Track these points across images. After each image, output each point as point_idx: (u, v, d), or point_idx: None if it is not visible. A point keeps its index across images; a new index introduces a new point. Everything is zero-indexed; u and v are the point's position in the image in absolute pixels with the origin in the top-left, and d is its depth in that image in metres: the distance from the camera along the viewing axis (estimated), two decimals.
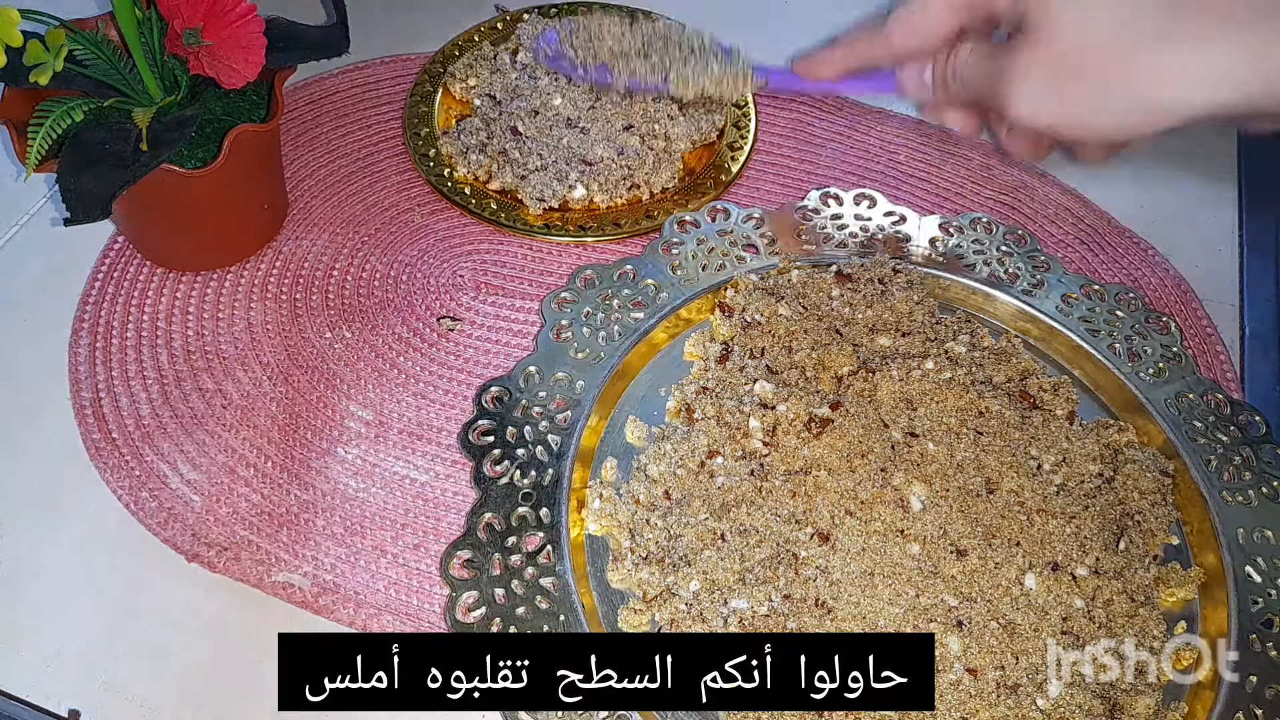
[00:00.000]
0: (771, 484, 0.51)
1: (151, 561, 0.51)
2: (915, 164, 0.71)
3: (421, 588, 0.51)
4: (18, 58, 0.48)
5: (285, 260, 0.63)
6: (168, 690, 0.48)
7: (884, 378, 0.55)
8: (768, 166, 0.70)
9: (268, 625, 0.49)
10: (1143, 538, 0.51)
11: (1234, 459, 0.54)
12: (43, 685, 0.48)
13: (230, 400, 0.57)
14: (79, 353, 0.58)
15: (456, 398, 0.58)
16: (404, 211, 0.67)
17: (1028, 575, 0.49)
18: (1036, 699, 0.46)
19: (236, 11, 0.52)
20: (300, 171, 0.68)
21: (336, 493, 0.54)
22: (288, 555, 0.52)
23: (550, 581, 0.49)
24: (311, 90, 0.73)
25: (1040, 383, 0.56)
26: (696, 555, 0.49)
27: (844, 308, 0.59)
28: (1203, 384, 0.58)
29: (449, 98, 0.73)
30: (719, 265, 0.62)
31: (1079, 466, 0.53)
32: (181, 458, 0.55)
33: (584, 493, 0.53)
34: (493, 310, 0.62)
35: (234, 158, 0.55)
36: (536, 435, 0.54)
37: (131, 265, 0.62)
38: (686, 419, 0.55)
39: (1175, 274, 0.66)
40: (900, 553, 0.49)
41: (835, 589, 0.48)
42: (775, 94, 0.73)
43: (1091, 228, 0.68)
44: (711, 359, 0.58)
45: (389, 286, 0.63)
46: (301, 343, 0.60)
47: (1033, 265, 0.63)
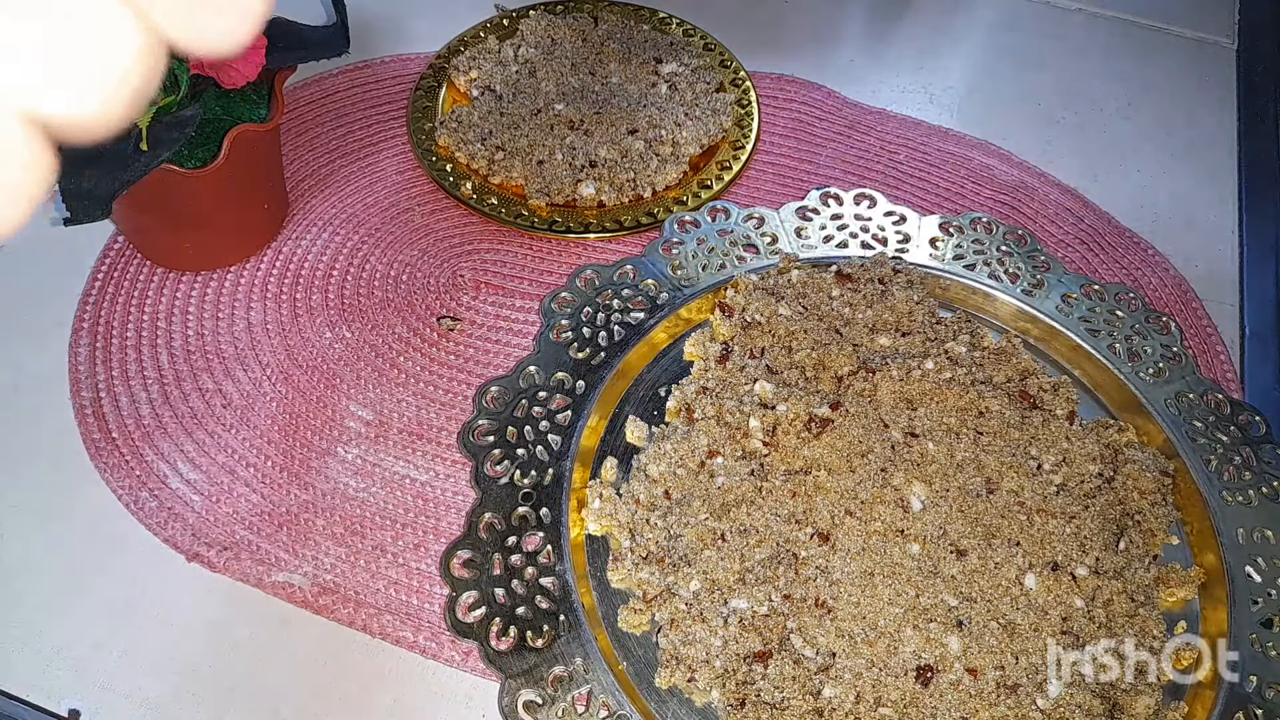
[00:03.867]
0: (771, 484, 0.51)
1: (151, 561, 0.51)
2: (915, 164, 0.71)
3: (421, 588, 0.51)
4: None
5: (285, 260, 0.63)
6: (168, 690, 0.48)
7: (884, 378, 0.55)
8: (768, 166, 0.70)
9: (268, 625, 0.50)
10: (1143, 538, 0.51)
11: (1234, 459, 0.54)
12: (43, 685, 0.48)
13: (230, 400, 0.57)
14: (79, 353, 0.58)
15: (456, 398, 0.58)
16: (404, 211, 0.67)
17: (1028, 575, 0.49)
18: (1036, 699, 0.46)
19: None
20: (300, 171, 0.68)
21: (336, 493, 0.54)
22: (288, 555, 0.51)
23: (550, 581, 0.49)
24: (311, 90, 0.73)
25: (1040, 383, 0.56)
26: (696, 555, 0.49)
27: (844, 308, 0.59)
28: (1203, 384, 0.58)
29: (454, 90, 0.73)
30: (719, 265, 0.62)
31: (1079, 466, 0.53)
32: (181, 458, 0.55)
33: (584, 493, 0.53)
34: (493, 310, 0.62)
35: (234, 157, 0.55)
36: (536, 435, 0.54)
37: (131, 265, 0.62)
38: (686, 419, 0.55)
39: (1175, 274, 0.66)
40: (900, 553, 0.49)
41: (835, 589, 0.48)
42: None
43: (1091, 228, 0.68)
44: (711, 359, 0.58)
45: (389, 286, 0.63)
46: (301, 343, 0.60)
47: (1033, 265, 0.63)
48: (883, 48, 0.81)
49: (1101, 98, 0.77)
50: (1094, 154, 0.73)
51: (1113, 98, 0.77)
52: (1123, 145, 0.74)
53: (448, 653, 0.49)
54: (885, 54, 0.80)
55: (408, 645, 0.49)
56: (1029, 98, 0.77)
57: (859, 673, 0.46)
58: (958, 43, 0.82)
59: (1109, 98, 0.77)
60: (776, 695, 0.45)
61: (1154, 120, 0.76)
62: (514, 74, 0.73)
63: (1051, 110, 0.76)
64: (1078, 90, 0.78)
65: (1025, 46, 0.81)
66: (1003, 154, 0.72)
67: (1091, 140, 0.74)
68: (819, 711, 0.45)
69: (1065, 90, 0.78)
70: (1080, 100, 0.77)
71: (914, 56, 0.80)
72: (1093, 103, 0.77)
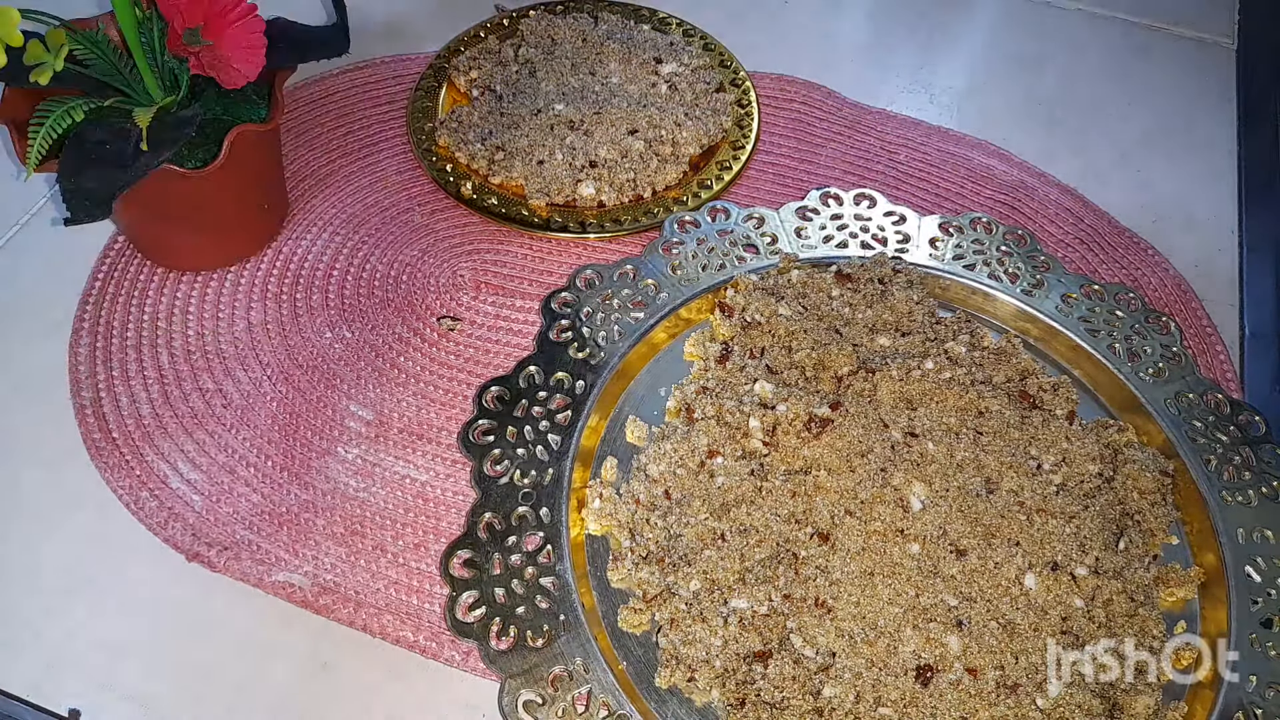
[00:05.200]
0: (771, 484, 0.51)
1: (151, 561, 0.51)
2: (915, 164, 0.71)
3: (421, 587, 0.51)
4: (18, 57, 0.48)
5: (285, 260, 0.63)
6: (168, 690, 0.48)
7: (884, 378, 0.55)
8: (768, 166, 0.70)
9: (268, 625, 0.50)
10: (1143, 538, 0.51)
11: (1234, 459, 0.54)
12: (43, 685, 0.48)
13: (230, 400, 0.57)
14: (79, 353, 0.58)
15: (456, 398, 0.58)
16: (404, 211, 0.67)
17: (1027, 575, 0.49)
18: (1036, 699, 0.46)
19: (236, 11, 0.52)
20: (300, 171, 0.68)
21: (336, 492, 0.54)
22: (288, 555, 0.51)
23: (550, 581, 0.49)
24: (311, 90, 0.73)
25: (1040, 383, 0.56)
26: (696, 555, 0.49)
27: (844, 308, 0.59)
28: (1203, 384, 0.58)
29: (454, 90, 0.73)
30: (719, 265, 0.62)
31: (1079, 466, 0.53)
32: (182, 458, 0.55)
33: (584, 493, 0.53)
34: (493, 310, 0.62)
35: (234, 157, 0.55)
36: (536, 435, 0.54)
37: (131, 265, 0.62)
38: (686, 419, 0.55)
39: (1175, 274, 0.66)
40: (900, 553, 0.49)
41: (835, 589, 0.48)
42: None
43: (1091, 228, 0.68)
44: (711, 359, 0.58)
45: (389, 286, 0.63)
46: (301, 343, 0.60)
47: (1033, 265, 0.63)
48: (883, 48, 0.81)
49: (1101, 98, 0.77)
50: (1094, 154, 0.73)
51: (1113, 98, 0.77)
52: (1123, 145, 0.74)
53: (448, 653, 0.49)
54: (885, 54, 0.80)
55: (408, 645, 0.49)
56: (1029, 98, 0.77)
57: (859, 673, 0.46)
58: (958, 43, 0.82)
59: (1109, 98, 0.77)
60: (776, 695, 0.45)
61: (1154, 120, 0.76)
62: (514, 74, 0.73)
63: (1051, 110, 0.76)
64: (1078, 90, 0.78)
65: (1025, 46, 0.81)
66: (1003, 154, 0.72)
67: (1091, 140, 0.74)
68: (819, 711, 0.45)
69: (1065, 90, 0.78)
70: (1080, 100, 0.77)
71: (914, 56, 0.80)
72: (1093, 103, 0.77)
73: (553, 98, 0.71)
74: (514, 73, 0.73)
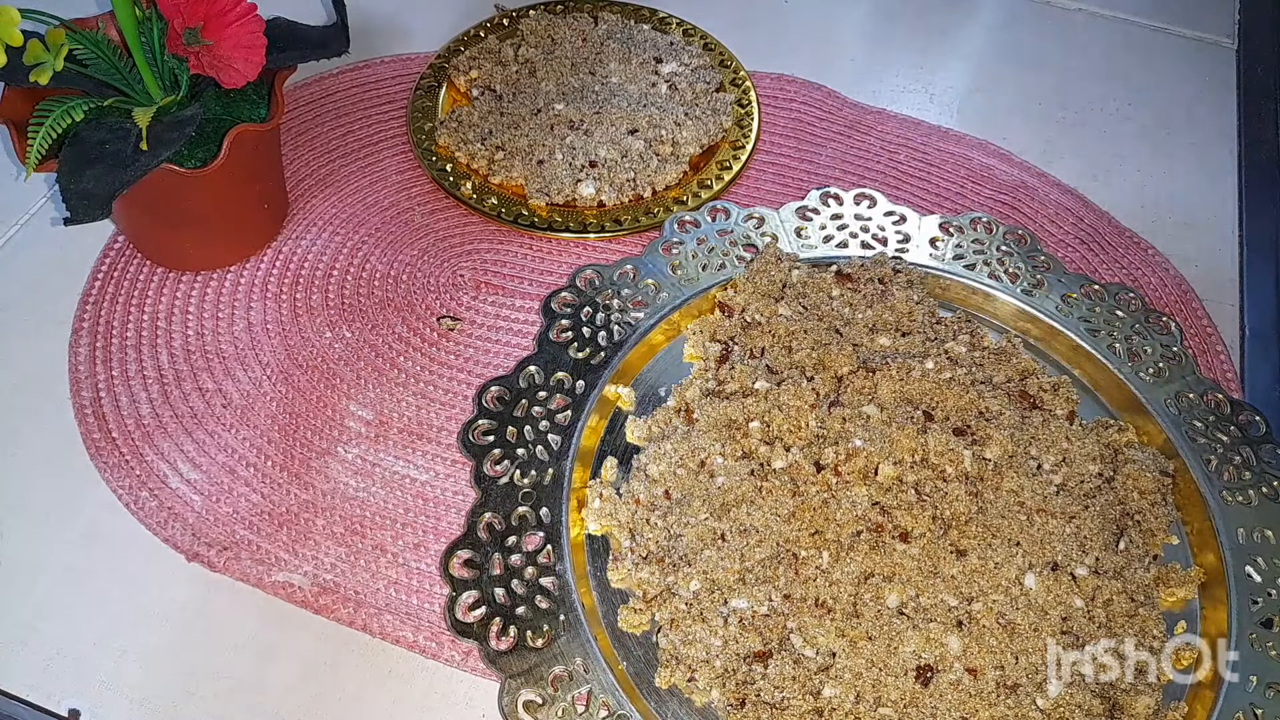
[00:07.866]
0: (771, 484, 0.51)
1: (151, 561, 0.51)
2: (915, 164, 0.71)
3: (421, 587, 0.51)
4: (18, 57, 0.48)
5: (285, 260, 0.63)
6: (168, 690, 0.48)
7: (884, 377, 0.55)
8: (768, 166, 0.70)
9: (268, 625, 0.50)
10: (1143, 538, 0.51)
11: (1234, 459, 0.54)
12: (43, 685, 0.48)
13: (230, 400, 0.57)
14: (79, 353, 0.58)
15: (456, 398, 0.58)
16: (404, 211, 0.67)
17: (1028, 575, 0.49)
18: (1036, 699, 0.46)
19: (236, 11, 0.52)
20: (300, 171, 0.68)
21: (336, 493, 0.54)
22: (288, 555, 0.51)
23: (550, 581, 0.49)
24: (311, 90, 0.73)
25: (1040, 383, 0.56)
26: (696, 555, 0.49)
27: (844, 308, 0.59)
28: (1203, 384, 0.58)
29: (454, 90, 0.73)
30: (719, 265, 0.62)
31: (1079, 466, 0.53)
32: (181, 457, 0.55)
33: (584, 493, 0.53)
34: (493, 310, 0.62)
35: (234, 157, 0.55)
36: (536, 435, 0.54)
37: (131, 265, 0.62)
38: (686, 419, 0.55)
39: (1175, 274, 0.66)
40: (900, 553, 0.49)
41: (835, 589, 0.48)
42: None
43: (1091, 228, 0.68)
44: (711, 359, 0.58)
45: (389, 286, 0.63)
46: (301, 343, 0.60)
47: (1033, 265, 0.63)
48: (883, 48, 0.81)
49: (1101, 98, 0.77)
50: (1094, 154, 0.73)
51: (1113, 98, 0.77)
52: (1123, 145, 0.74)
53: (448, 653, 0.49)
54: (885, 54, 0.80)
55: (408, 645, 0.49)
56: (1029, 98, 0.77)
57: (859, 673, 0.46)
58: (958, 43, 0.82)
59: (1109, 98, 0.77)
60: (776, 695, 0.45)
61: (1154, 120, 0.76)
62: (514, 74, 0.73)
63: (1051, 110, 0.76)
64: (1078, 90, 0.78)
65: (1025, 46, 0.81)
66: (1003, 154, 0.72)
67: (1091, 140, 0.74)
68: (819, 711, 0.45)
69: (1065, 90, 0.78)
70: (1080, 100, 0.77)
71: (914, 56, 0.80)
72: (1093, 103, 0.77)
73: (553, 97, 0.71)
74: (514, 72, 0.73)
